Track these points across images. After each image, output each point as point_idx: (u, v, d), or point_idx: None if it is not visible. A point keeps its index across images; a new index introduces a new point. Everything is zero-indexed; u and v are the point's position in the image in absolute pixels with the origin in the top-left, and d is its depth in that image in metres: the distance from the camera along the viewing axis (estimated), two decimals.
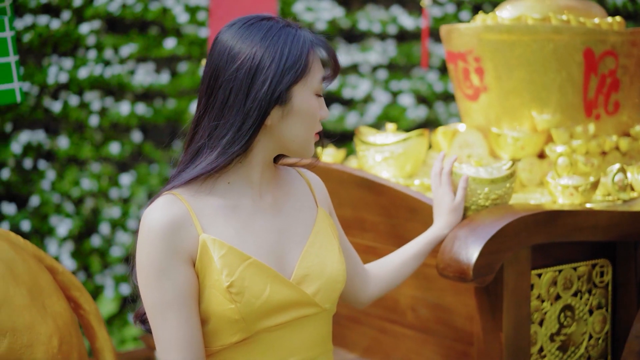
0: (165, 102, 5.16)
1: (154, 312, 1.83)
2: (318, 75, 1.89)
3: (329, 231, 2.03)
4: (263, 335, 1.87)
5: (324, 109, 1.94)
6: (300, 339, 1.93)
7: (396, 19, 5.68)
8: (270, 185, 1.99)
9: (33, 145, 4.91)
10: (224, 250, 1.82)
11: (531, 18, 2.89)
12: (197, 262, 1.83)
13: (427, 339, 2.65)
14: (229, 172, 1.91)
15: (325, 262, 1.97)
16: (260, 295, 1.83)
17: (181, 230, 1.82)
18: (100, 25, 5.04)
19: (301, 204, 2.04)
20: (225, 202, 1.89)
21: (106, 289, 4.94)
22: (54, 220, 4.90)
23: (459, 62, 3.01)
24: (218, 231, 1.86)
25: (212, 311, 1.83)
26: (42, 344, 2.23)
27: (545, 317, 2.45)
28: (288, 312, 1.89)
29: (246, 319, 1.82)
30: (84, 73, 4.93)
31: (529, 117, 2.92)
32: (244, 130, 1.85)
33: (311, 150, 1.95)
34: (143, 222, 1.83)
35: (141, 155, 5.16)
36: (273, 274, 1.86)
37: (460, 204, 2.35)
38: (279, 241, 1.93)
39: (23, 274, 2.29)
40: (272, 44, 1.86)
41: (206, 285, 1.83)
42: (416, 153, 2.91)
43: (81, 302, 2.53)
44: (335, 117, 5.49)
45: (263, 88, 1.84)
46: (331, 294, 1.96)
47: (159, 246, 1.80)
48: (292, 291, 1.88)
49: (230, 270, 1.81)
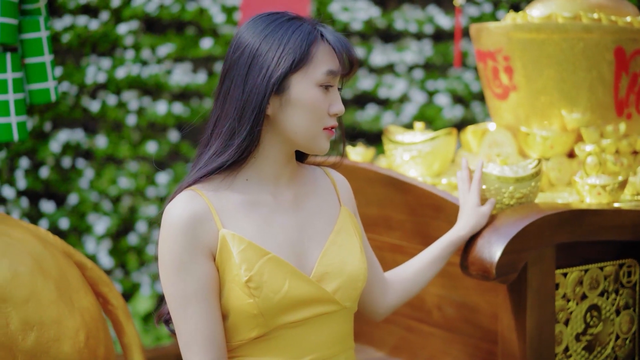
0: (201, 101, 5.21)
1: (176, 306, 1.85)
2: (322, 68, 1.89)
3: (351, 230, 2.04)
4: (282, 332, 1.89)
5: (335, 103, 1.92)
6: (320, 336, 1.94)
7: (432, 19, 5.67)
8: (291, 182, 2.00)
9: (72, 144, 4.98)
10: (243, 245, 1.85)
11: (561, 17, 2.87)
12: (217, 257, 1.85)
13: (454, 338, 2.64)
14: (246, 168, 1.93)
15: (345, 261, 1.97)
16: (278, 291, 1.85)
17: (201, 225, 1.85)
18: (138, 26, 5.09)
19: (324, 202, 2.05)
20: (245, 198, 1.92)
21: (143, 287, 4.99)
22: (92, 219, 4.97)
23: (488, 61, 3.00)
24: (238, 227, 1.88)
25: (231, 306, 1.85)
26: (69, 338, 2.27)
27: (571, 317, 2.44)
28: (307, 309, 1.90)
29: (264, 313, 1.84)
30: (121, 73, 4.99)
31: (558, 116, 2.91)
32: (244, 119, 1.87)
33: (320, 145, 1.94)
34: (164, 217, 1.87)
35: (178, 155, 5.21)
36: (292, 270, 1.87)
37: (487, 211, 2.31)
38: (299, 238, 1.95)
39: (51, 269, 2.33)
40: (272, 33, 1.89)
41: (226, 280, 1.85)
42: (444, 152, 2.91)
43: (109, 297, 2.57)
44: (370, 117, 5.49)
45: (259, 75, 1.87)
46: (352, 292, 1.97)
47: (179, 241, 1.83)
48: (311, 287, 1.90)
49: (249, 265, 1.83)
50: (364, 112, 5.52)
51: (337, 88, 1.94)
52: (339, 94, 1.94)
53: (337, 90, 1.94)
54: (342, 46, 1.92)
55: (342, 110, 1.93)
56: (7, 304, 2.18)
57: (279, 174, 1.97)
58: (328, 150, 1.95)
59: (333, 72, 1.90)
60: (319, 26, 1.93)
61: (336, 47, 1.91)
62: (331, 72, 1.90)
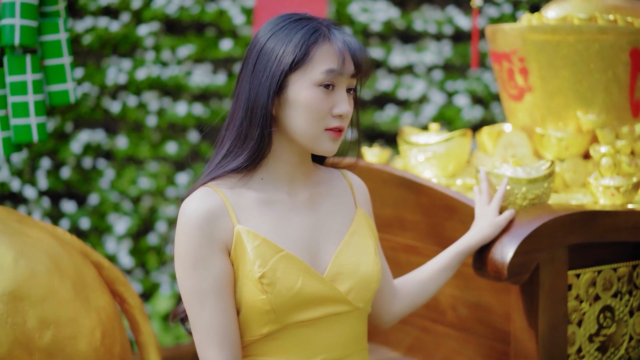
0: (221, 102, 5.24)
1: (192, 301, 1.87)
2: (321, 67, 1.88)
3: (366, 232, 2.05)
4: (293, 331, 1.90)
5: (339, 104, 1.91)
6: (332, 336, 1.95)
7: (452, 20, 5.67)
8: (306, 182, 2.02)
9: (92, 145, 5.02)
10: (258, 241, 1.87)
11: (577, 18, 2.88)
12: (232, 253, 1.87)
13: (468, 339, 2.65)
14: (261, 168, 1.96)
15: (359, 262, 1.98)
16: (291, 288, 1.87)
17: (217, 221, 1.87)
18: (158, 27, 5.13)
19: (340, 203, 2.06)
20: (261, 196, 1.94)
21: (162, 286, 5.02)
22: (112, 219, 5.00)
23: (503, 62, 3.01)
24: (253, 224, 1.90)
25: (244, 301, 1.87)
26: (85, 336, 2.30)
27: (584, 318, 2.44)
28: (320, 308, 1.91)
29: (277, 310, 1.86)
30: (142, 74, 5.02)
31: (574, 118, 2.91)
32: (255, 121, 1.91)
33: (323, 146, 1.92)
34: (181, 213, 1.89)
35: (198, 155, 5.24)
36: (305, 268, 1.89)
37: (503, 222, 2.29)
38: (313, 237, 1.96)
39: (68, 268, 2.37)
40: (277, 34, 1.92)
41: (239, 275, 1.87)
42: (459, 153, 2.92)
43: (126, 296, 2.60)
44: (390, 118, 5.50)
45: (263, 75, 1.90)
46: (365, 294, 1.98)
47: (196, 236, 1.85)
48: (324, 287, 1.91)
49: (263, 261, 1.85)
50: (383, 112, 5.53)
51: (345, 89, 1.92)
52: (345, 95, 1.92)
53: (343, 91, 1.92)
54: (344, 45, 1.90)
55: (346, 112, 1.90)
56: (25, 303, 2.22)
57: (294, 174, 1.99)
58: (335, 151, 1.94)
59: (333, 71, 1.88)
60: (331, 27, 1.93)
61: (337, 47, 1.90)
62: (331, 72, 1.88)
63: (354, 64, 1.91)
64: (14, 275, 2.23)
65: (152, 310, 4.93)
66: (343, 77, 1.91)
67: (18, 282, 2.23)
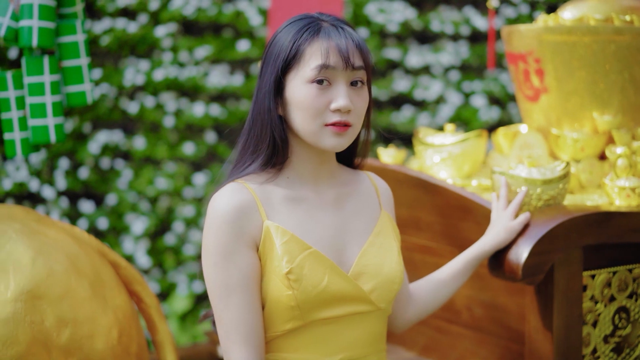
0: (238, 103, 5.25)
1: (218, 295, 1.88)
2: (312, 64, 1.89)
3: (390, 234, 2.07)
4: (316, 327, 1.92)
5: (336, 99, 1.90)
6: (353, 335, 1.96)
7: (469, 20, 5.67)
8: (332, 182, 2.03)
9: (110, 146, 5.05)
10: (286, 237, 1.88)
11: (593, 19, 2.87)
12: (260, 248, 1.89)
13: (483, 339, 2.66)
14: (287, 167, 1.98)
15: (383, 262, 2.00)
16: (317, 285, 1.88)
17: (247, 216, 1.89)
18: (175, 28, 5.15)
19: (365, 204, 2.08)
20: (289, 193, 1.96)
21: (179, 286, 5.04)
22: (130, 219, 5.03)
23: (519, 63, 3.01)
24: (281, 220, 1.92)
25: (270, 296, 1.88)
26: (102, 335, 2.32)
27: (599, 319, 2.44)
28: (343, 306, 1.93)
29: (301, 306, 1.87)
30: (159, 75, 5.05)
31: (589, 119, 2.91)
32: (264, 123, 1.94)
33: (325, 141, 1.92)
34: (211, 207, 1.91)
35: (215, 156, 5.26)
36: (331, 266, 1.91)
37: (518, 227, 2.29)
38: (339, 236, 1.98)
39: (85, 267, 2.39)
40: (279, 36, 1.96)
41: (266, 270, 1.89)
42: (474, 154, 2.93)
43: (143, 296, 2.62)
44: (406, 119, 5.50)
45: (265, 79, 1.94)
46: (387, 294, 1.99)
47: (225, 230, 1.87)
48: (349, 285, 1.92)
49: (291, 257, 1.87)
50: (399, 113, 5.53)
51: (344, 84, 1.91)
52: (344, 90, 1.90)
53: (342, 86, 1.90)
54: (329, 40, 1.90)
55: (343, 105, 1.89)
56: (43, 301, 2.24)
57: (317, 174, 2.01)
58: (342, 146, 1.93)
59: (324, 66, 1.88)
60: (326, 23, 1.94)
61: (322, 42, 1.89)
62: (322, 67, 1.88)
63: (342, 58, 1.89)
64: (32, 274, 2.26)
65: (169, 310, 4.95)
66: (337, 72, 1.90)
67: (36, 281, 2.25)
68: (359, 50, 1.93)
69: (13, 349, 2.16)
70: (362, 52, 1.93)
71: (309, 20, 1.95)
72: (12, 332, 2.17)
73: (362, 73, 1.94)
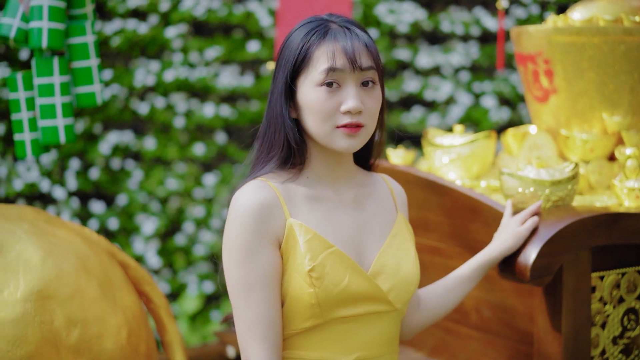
0: (248, 104, 5.26)
1: (239, 291, 1.88)
2: (320, 67, 1.89)
3: (407, 235, 2.08)
4: (334, 326, 1.92)
5: (346, 101, 1.90)
6: (369, 334, 1.97)
7: (479, 21, 5.66)
8: (350, 182, 2.04)
9: (121, 146, 5.06)
10: (310, 235, 1.89)
11: (602, 19, 2.87)
12: (282, 245, 1.90)
13: (492, 340, 2.66)
14: (306, 167, 1.99)
15: (400, 263, 2.01)
16: (338, 283, 1.89)
17: (270, 213, 1.89)
18: (186, 29, 5.16)
19: (382, 206, 2.09)
20: (310, 192, 1.97)
21: (190, 287, 5.05)
22: (140, 219, 5.04)
23: (528, 64, 3.01)
24: (303, 218, 1.92)
25: (291, 294, 1.89)
26: (111, 335, 2.33)
27: (608, 320, 2.44)
28: (362, 305, 1.94)
29: (322, 304, 1.88)
30: (170, 76, 5.06)
31: (599, 120, 2.90)
32: (277, 127, 1.95)
33: (338, 143, 1.92)
34: (234, 204, 1.91)
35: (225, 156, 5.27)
36: (353, 265, 1.92)
37: (525, 233, 2.28)
38: (358, 236, 1.99)
39: (95, 268, 2.40)
40: (289, 40, 1.97)
41: (288, 268, 1.89)
42: (483, 155, 2.93)
43: (152, 296, 2.63)
44: (416, 119, 5.50)
45: (277, 82, 1.95)
46: (404, 295, 2.01)
47: (248, 227, 1.87)
48: (369, 285, 1.93)
49: (313, 255, 1.87)
50: (409, 114, 5.53)
51: (354, 85, 1.91)
52: (354, 91, 1.90)
53: (352, 88, 1.90)
54: (335, 42, 1.90)
55: (353, 107, 1.89)
56: (52, 301, 2.25)
57: (335, 174, 2.01)
58: (354, 147, 1.93)
59: (331, 69, 1.88)
60: (334, 25, 1.94)
61: (328, 45, 1.90)
62: (329, 70, 1.89)
63: (348, 60, 1.89)
64: (42, 274, 2.27)
65: (179, 310, 4.96)
66: (345, 74, 1.90)
67: (46, 282, 2.26)
68: (367, 50, 1.93)
69: (23, 348, 2.17)
70: (370, 52, 1.93)
71: (317, 23, 1.95)
72: (21, 332, 2.18)
73: (372, 73, 1.94)
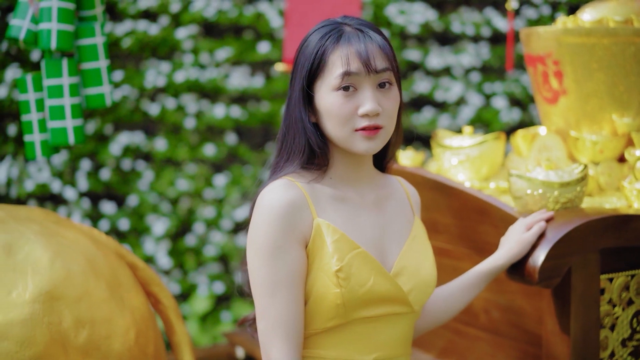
0: (259, 105, 5.27)
1: (264, 289, 1.88)
2: (335, 72, 1.90)
3: (425, 239, 2.10)
4: (355, 326, 1.93)
5: (364, 104, 1.90)
6: (388, 335, 1.98)
7: (490, 22, 5.65)
8: (371, 184, 2.05)
9: (132, 147, 5.08)
10: (337, 236, 1.90)
11: (612, 20, 2.86)
12: (309, 244, 1.90)
13: (501, 342, 2.65)
14: (330, 169, 2.00)
15: (420, 265, 2.02)
16: (364, 284, 1.89)
17: (298, 212, 1.89)
18: (196, 30, 5.17)
19: (401, 208, 2.10)
20: (334, 193, 1.97)
21: (200, 287, 5.06)
22: (151, 220, 5.05)
23: (538, 65, 3.00)
24: (329, 218, 1.93)
25: (315, 293, 1.89)
26: (119, 335, 2.34)
27: (617, 322, 2.43)
28: (383, 306, 1.95)
29: (347, 304, 1.88)
30: (180, 77, 5.07)
31: (609, 121, 2.89)
32: (297, 131, 1.96)
33: (357, 146, 1.93)
34: (261, 202, 1.90)
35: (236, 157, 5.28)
36: (378, 267, 1.93)
37: (532, 239, 2.26)
38: (380, 237, 2.00)
39: (103, 269, 2.40)
40: (304, 45, 1.97)
41: (314, 267, 1.90)
42: (492, 156, 2.92)
43: (160, 297, 2.63)
44: (427, 120, 5.50)
45: (294, 86, 1.96)
46: (422, 297, 2.02)
47: (277, 225, 1.87)
48: (392, 286, 1.94)
49: (341, 255, 1.88)
50: (420, 115, 5.53)
51: (371, 88, 1.91)
52: (370, 94, 1.90)
53: (368, 91, 1.91)
54: (349, 46, 1.90)
55: (370, 110, 1.89)
56: (61, 302, 2.26)
57: (357, 176, 2.02)
58: (374, 149, 1.94)
59: (346, 73, 1.89)
60: (347, 28, 1.94)
61: (343, 49, 1.90)
62: (344, 74, 1.89)
63: (363, 63, 1.89)
64: (50, 275, 2.27)
65: (189, 310, 4.97)
66: (361, 77, 1.90)
67: (54, 283, 2.27)
68: (381, 52, 1.93)
69: (31, 349, 2.17)
70: (385, 53, 1.94)
71: (331, 27, 1.95)
72: (30, 332, 2.19)
73: (388, 74, 1.95)
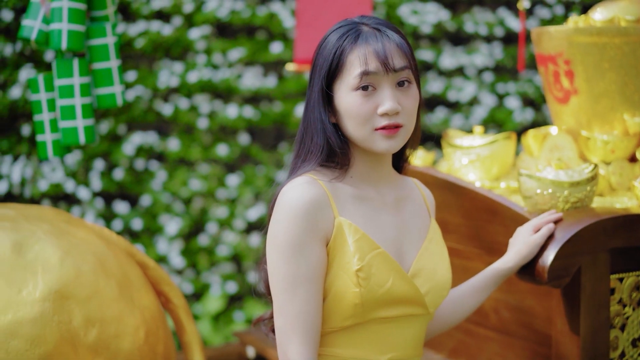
0: (272, 105, 5.27)
1: (284, 286, 1.88)
2: (354, 72, 1.90)
3: (441, 241, 2.10)
4: (371, 326, 1.94)
5: (383, 103, 1.91)
6: (403, 336, 1.98)
7: (503, 21, 5.64)
8: (391, 184, 2.06)
9: (145, 147, 5.09)
10: (358, 235, 1.90)
11: (624, 20, 2.85)
12: (330, 243, 1.90)
13: (511, 342, 2.65)
14: (350, 168, 1.99)
15: (436, 267, 2.03)
16: (383, 285, 1.90)
17: (320, 210, 1.89)
18: (209, 31, 5.18)
19: (418, 210, 2.11)
20: (355, 192, 1.97)
21: (212, 287, 5.07)
22: (164, 219, 5.07)
23: (549, 64, 2.99)
24: (350, 217, 1.93)
25: (334, 291, 1.89)
26: (129, 334, 2.35)
27: (627, 322, 2.42)
28: (400, 307, 1.95)
29: (365, 304, 1.89)
30: (193, 77, 5.08)
31: (620, 120, 2.88)
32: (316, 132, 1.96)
33: (377, 145, 1.93)
34: (283, 199, 1.90)
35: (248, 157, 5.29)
36: (397, 268, 1.93)
37: (540, 240, 2.26)
38: (398, 238, 2.00)
39: (113, 268, 2.41)
40: (322, 46, 1.97)
41: (334, 266, 1.90)
42: (503, 156, 2.91)
43: (171, 296, 2.64)
44: (440, 120, 5.49)
45: (313, 87, 1.96)
46: (438, 299, 2.02)
47: (299, 222, 1.87)
48: (410, 288, 1.95)
49: (362, 255, 1.88)
50: (433, 115, 5.52)
51: (390, 87, 1.91)
52: (389, 93, 1.90)
53: (387, 90, 1.91)
54: (367, 45, 1.90)
55: (390, 109, 1.89)
56: (71, 301, 2.27)
57: (378, 175, 2.02)
58: (394, 148, 1.94)
59: (365, 73, 1.89)
60: (364, 28, 1.94)
61: (360, 49, 1.90)
62: (363, 74, 1.89)
63: (381, 62, 1.90)
64: (61, 274, 2.29)
65: (202, 310, 4.98)
66: (379, 76, 1.91)
67: (64, 281, 2.28)
68: (399, 50, 1.93)
69: (41, 348, 2.19)
70: (403, 51, 1.93)
71: (349, 27, 1.95)
72: (40, 331, 2.20)
73: (407, 72, 1.94)
